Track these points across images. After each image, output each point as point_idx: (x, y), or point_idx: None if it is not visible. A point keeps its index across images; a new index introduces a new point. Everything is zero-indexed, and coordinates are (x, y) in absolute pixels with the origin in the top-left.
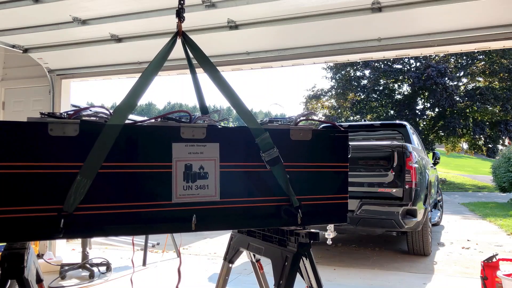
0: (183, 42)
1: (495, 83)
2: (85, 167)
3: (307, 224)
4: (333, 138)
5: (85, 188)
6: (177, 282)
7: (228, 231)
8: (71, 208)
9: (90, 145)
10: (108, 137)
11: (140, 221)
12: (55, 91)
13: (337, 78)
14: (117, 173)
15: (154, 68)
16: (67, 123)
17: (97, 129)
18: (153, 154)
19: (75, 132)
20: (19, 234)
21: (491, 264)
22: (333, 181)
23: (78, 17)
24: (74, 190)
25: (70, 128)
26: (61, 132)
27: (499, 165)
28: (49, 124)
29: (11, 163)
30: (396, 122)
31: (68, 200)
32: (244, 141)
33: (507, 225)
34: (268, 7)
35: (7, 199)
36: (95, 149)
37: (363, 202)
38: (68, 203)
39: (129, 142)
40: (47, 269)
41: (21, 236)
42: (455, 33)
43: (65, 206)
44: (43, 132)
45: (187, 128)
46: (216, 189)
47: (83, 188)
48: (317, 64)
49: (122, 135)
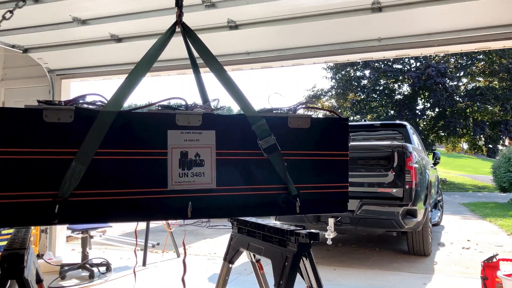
0: (183, 32)
1: (495, 83)
2: (80, 153)
3: (305, 213)
4: (333, 126)
5: (80, 174)
6: (182, 274)
7: (228, 231)
8: (66, 194)
9: (85, 131)
10: (103, 124)
11: (135, 207)
12: (55, 91)
13: (337, 78)
14: (112, 159)
15: (152, 57)
16: (62, 109)
17: (92, 116)
18: (148, 141)
19: (70, 119)
20: (15, 219)
21: (491, 264)
22: (333, 170)
23: (78, 17)
24: (69, 176)
25: (65, 114)
26: (56, 118)
27: (499, 165)
28: (44, 110)
29: (7, 149)
30: (396, 122)
31: (63, 186)
32: (241, 129)
33: (507, 225)
34: (268, 7)
35: (3, 185)
36: (90, 135)
37: (363, 202)
38: (63, 188)
39: (124, 128)
40: (47, 269)
41: (17, 222)
42: (455, 33)
43: (60, 191)
44: (38, 119)
45: (182, 115)
46: (212, 177)
47: (78, 174)
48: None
49: (117, 122)
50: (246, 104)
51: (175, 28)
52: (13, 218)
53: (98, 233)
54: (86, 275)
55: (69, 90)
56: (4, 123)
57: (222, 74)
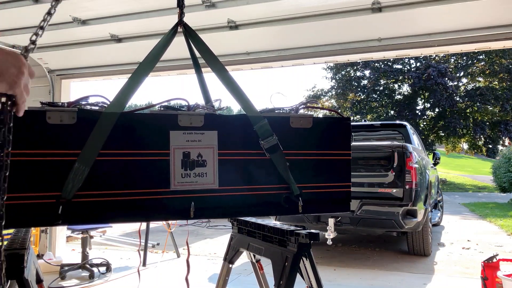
0: (184, 33)
1: (495, 83)
2: (83, 155)
3: (308, 213)
4: (335, 126)
5: (83, 175)
6: (186, 273)
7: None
8: (69, 195)
9: (88, 132)
10: (106, 125)
11: (138, 208)
12: (55, 92)
13: (337, 78)
14: (114, 160)
15: (154, 58)
16: (65, 111)
17: (94, 117)
18: (150, 142)
19: (73, 120)
20: (18, 220)
21: (491, 265)
22: (335, 169)
23: (78, 17)
24: (72, 177)
25: (67, 116)
26: (59, 120)
27: (499, 165)
28: (47, 112)
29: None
30: (397, 122)
31: (66, 187)
32: (243, 129)
33: (508, 225)
34: (268, 7)
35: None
36: (93, 137)
37: (363, 203)
38: (66, 190)
39: (127, 129)
40: (47, 269)
41: (20, 222)
42: (455, 33)
43: (64, 193)
44: (41, 121)
45: (184, 115)
46: (214, 177)
47: (81, 175)
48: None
49: (119, 123)
50: (248, 104)
51: (177, 29)
52: (17, 219)
53: (98, 233)
54: (86, 275)
55: (69, 90)
56: None
57: (224, 74)
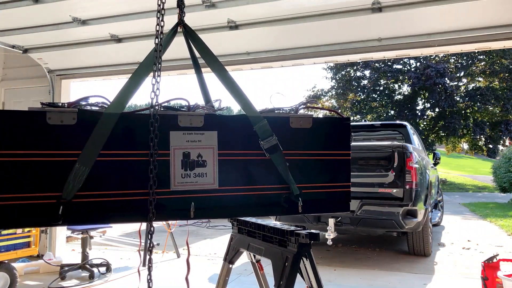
0: (184, 33)
1: (496, 83)
2: (83, 155)
3: (308, 213)
4: (334, 126)
5: (83, 176)
6: (186, 273)
7: (228, 232)
8: (70, 196)
9: (88, 133)
10: (106, 126)
11: (138, 208)
12: (55, 92)
13: (337, 78)
14: (115, 161)
15: (154, 58)
16: (65, 112)
17: (95, 118)
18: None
19: (73, 121)
20: (19, 220)
21: (491, 265)
22: (335, 170)
23: (78, 17)
24: (73, 178)
25: (67, 116)
26: (59, 121)
27: (500, 165)
28: (47, 113)
29: (11, 151)
30: (397, 122)
31: (67, 188)
32: (242, 129)
33: (508, 226)
34: (268, 7)
35: (7, 186)
36: (93, 137)
37: (364, 203)
38: (67, 190)
39: (127, 130)
40: (47, 269)
41: (21, 223)
42: (455, 33)
43: (64, 193)
44: (42, 121)
45: (184, 116)
46: (214, 177)
47: (81, 176)
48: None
49: (119, 124)
50: (247, 105)
51: (177, 29)
52: (18, 219)
53: (98, 233)
54: (86, 275)
55: (69, 90)
56: (8, 126)
57: (224, 74)
